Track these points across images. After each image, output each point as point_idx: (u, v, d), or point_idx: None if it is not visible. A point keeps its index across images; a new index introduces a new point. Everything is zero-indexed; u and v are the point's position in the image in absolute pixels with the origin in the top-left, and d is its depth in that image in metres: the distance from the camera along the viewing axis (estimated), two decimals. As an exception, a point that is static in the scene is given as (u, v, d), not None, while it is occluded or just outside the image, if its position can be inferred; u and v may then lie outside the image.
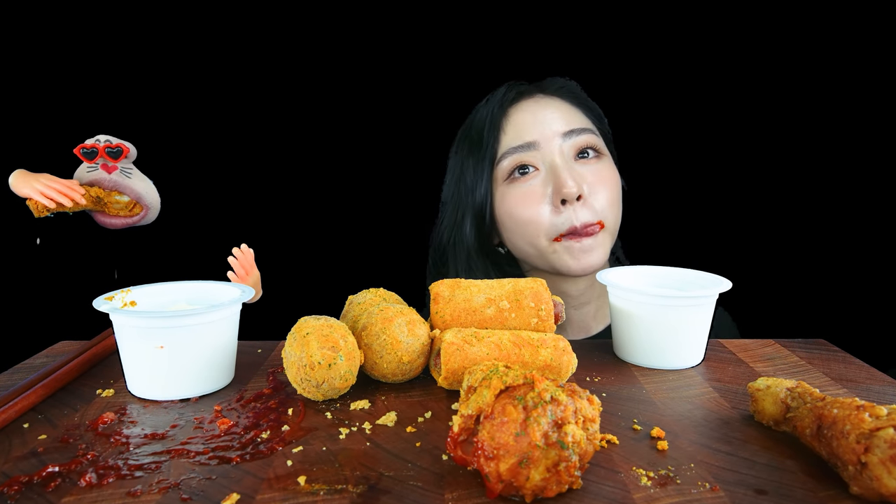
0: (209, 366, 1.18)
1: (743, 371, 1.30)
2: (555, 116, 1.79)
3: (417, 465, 0.91)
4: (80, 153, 1.44)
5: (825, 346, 1.46)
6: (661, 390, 1.19)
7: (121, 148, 1.45)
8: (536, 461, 0.78)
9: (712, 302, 1.31)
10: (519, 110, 1.82)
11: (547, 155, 1.75)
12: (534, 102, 1.83)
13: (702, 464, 0.91)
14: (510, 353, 1.14)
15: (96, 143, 1.44)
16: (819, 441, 0.88)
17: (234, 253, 1.39)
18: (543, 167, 1.75)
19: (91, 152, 1.44)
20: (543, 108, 1.81)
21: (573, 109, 1.84)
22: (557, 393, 0.82)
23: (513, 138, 1.78)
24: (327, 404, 1.14)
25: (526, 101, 1.84)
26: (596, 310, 1.95)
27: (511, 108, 1.83)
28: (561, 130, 1.76)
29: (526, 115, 1.80)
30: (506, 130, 1.80)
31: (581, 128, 1.78)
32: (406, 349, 1.16)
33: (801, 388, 1.00)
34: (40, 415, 1.10)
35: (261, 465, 0.92)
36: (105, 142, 1.44)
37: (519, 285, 1.27)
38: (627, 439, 0.99)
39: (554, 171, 1.72)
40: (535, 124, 1.78)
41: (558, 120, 1.78)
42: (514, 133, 1.79)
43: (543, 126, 1.77)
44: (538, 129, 1.77)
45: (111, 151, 1.44)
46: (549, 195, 1.72)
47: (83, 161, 1.44)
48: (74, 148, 1.44)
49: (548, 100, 1.84)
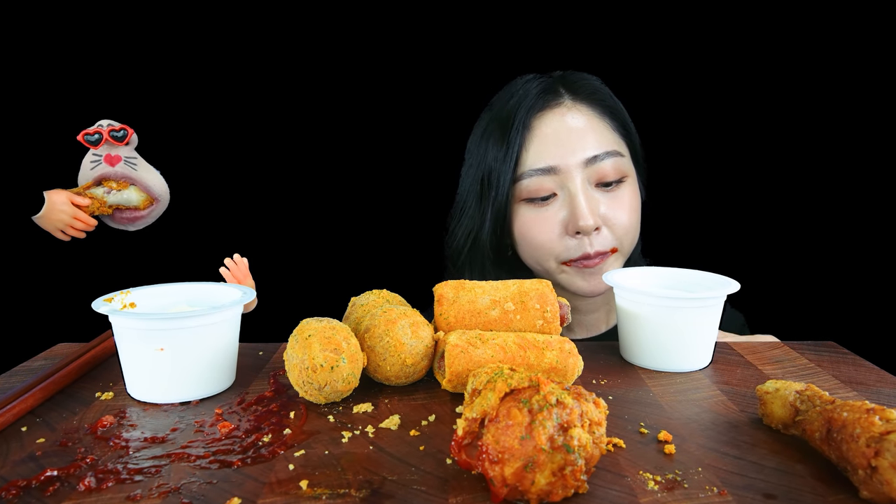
0: (210, 368, 1.18)
1: (751, 374, 1.30)
2: (579, 136, 1.75)
3: (421, 469, 0.91)
4: (83, 139, 1.45)
5: (835, 348, 1.46)
6: (668, 393, 1.19)
7: (125, 130, 1.46)
8: (542, 465, 0.78)
9: (720, 303, 1.31)
10: (543, 123, 1.78)
11: (567, 181, 1.72)
12: (559, 115, 1.78)
13: (710, 468, 0.91)
14: (515, 356, 1.14)
15: (99, 129, 1.44)
16: (828, 445, 0.88)
17: (226, 263, 1.39)
18: (561, 193, 1.73)
19: (96, 138, 1.44)
20: (569, 121, 1.77)
21: (601, 124, 1.79)
22: (563, 396, 0.82)
23: (535, 158, 1.75)
24: (330, 407, 1.14)
25: (551, 111, 1.79)
26: (606, 314, 1.94)
27: (535, 118, 1.79)
28: (585, 156, 1.72)
29: (549, 132, 1.76)
30: (528, 146, 1.77)
31: (606, 151, 1.74)
32: (409, 351, 1.15)
33: (810, 391, 1.00)
34: (39, 418, 1.10)
35: (262, 469, 0.92)
36: (108, 126, 1.45)
37: (524, 287, 1.27)
38: (634, 443, 0.99)
39: (571, 200, 1.70)
40: (559, 145, 1.74)
41: (583, 140, 1.74)
42: (537, 152, 1.75)
43: (566, 148, 1.73)
44: (560, 153, 1.73)
45: (115, 135, 1.45)
46: (565, 222, 1.71)
47: (88, 147, 1.45)
48: (78, 135, 1.45)
49: (575, 111, 1.79)
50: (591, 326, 1.94)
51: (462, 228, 1.90)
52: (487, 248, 1.84)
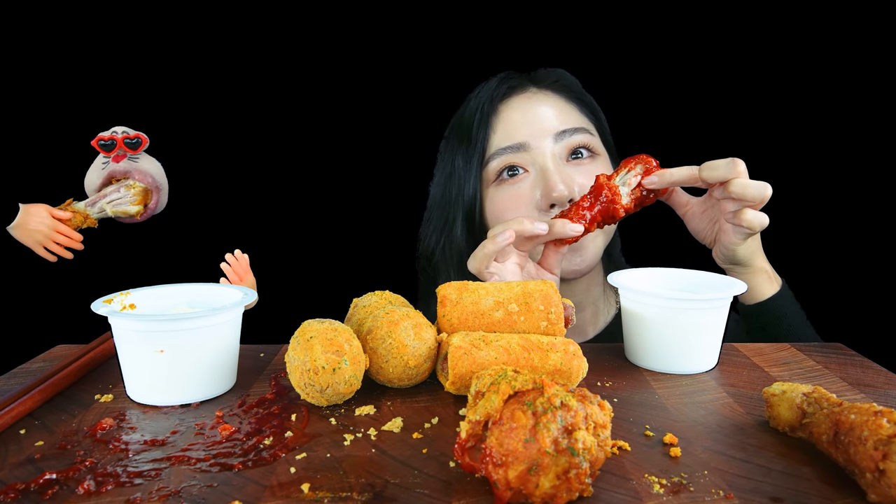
0: (210, 370, 1.18)
1: (758, 376, 1.30)
2: (548, 115, 1.78)
3: (424, 473, 0.91)
4: (97, 145, 1.45)
5: (842, 350, 1.46)
6: (673, 395, 1.19)
7: (139, 139, 1.47)
8: (546, 468, 0.78)
9: (726, 305, 1.30)
10: (510, 107, 1.81)
11: (537, 157, 1.74)
12: (526, 98, 1.82)
13: (716, 471, 0.91)
14: (519, 358, 1.13)
15: (114, 135, 1.45)
16: (836, 448, 0.88)
17: (227, 259, 1.39)
18: (533, 169, 1.75)
19: (110, 144, 1.45)
20: (536, 105, 1.80)
21: (568, 105, 1.83)
22: (567, 398, 0.82)
23: (502, 138, 1.78)
24: (331, 410, 1.14)
25: (518, 96, 1.83)
26: (594, 315, 1.94)
27: (502, 104, 1.82)
28: (553, 130, 1.76)
29: (516, 114, 1.79)
30: (495, 129, 1.80)
31: (574, 127, 1.77)
32: (412, 353, 1.15)
33: (817, 394, 1.00)
34: (37, 420, 1.10)
35: (263, 472, 0.92)
36: (123, 133, 1.45)
37: (528, 288, 1.27)
38: (639, 446, 0.99)
39: (544, 174, 1.72)
40: (526, 124, 1.77)
41: (551, 119, 1.78)
42: (504, 132, 1.78)
43: (534, 126, 1.76)
44: (528, 130, 1.76)
45: (129, 142, 1.46)
46: (538, 199, 1.72)
47: (101, 153, 1.46)
48: (92, 140, 1.45)
49: (541, 95, 1.83)
50: (579, 329, 1.93)
51: (433, 226, 1.93)
52: (461, 244, 1.85)
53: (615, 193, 1.52)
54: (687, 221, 1.62)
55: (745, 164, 1.42)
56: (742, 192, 1.41)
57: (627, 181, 1.53)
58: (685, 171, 1.49)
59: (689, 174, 1.48)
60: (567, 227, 1.49)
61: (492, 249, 1.46)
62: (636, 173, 1.53)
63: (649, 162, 1.53)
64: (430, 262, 1.94)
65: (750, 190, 1.41)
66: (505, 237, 1.46)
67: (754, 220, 1.43)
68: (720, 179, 1.44)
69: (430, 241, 1.93)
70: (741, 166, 1.42)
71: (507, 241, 1.46)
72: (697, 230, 1.61)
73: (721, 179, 1.44)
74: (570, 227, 1.49)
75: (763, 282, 1.59)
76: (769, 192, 1.41)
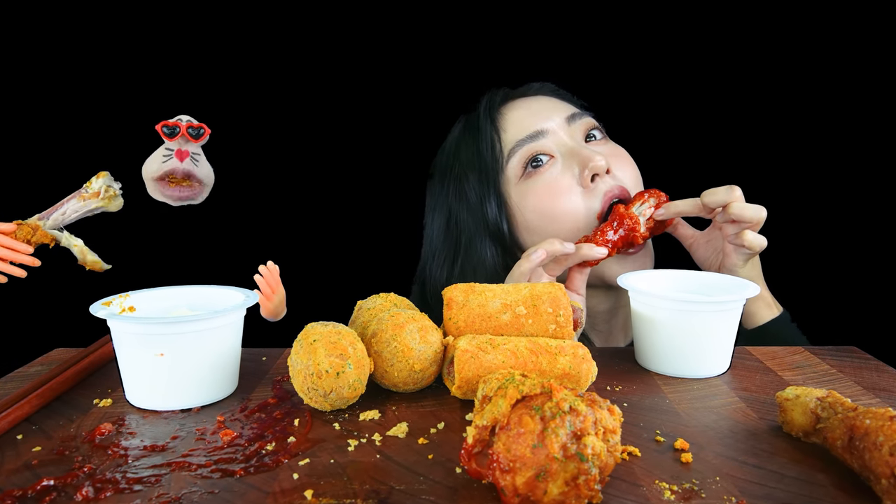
0: (211, 374, 1.18)
1: (771, 380, 1.29)
2: (548, 106, 1.81)
3: (430, 479, 0.91)
4: (161, 130, 1.45)
5: (857, 353, 1.46)
6: (685, 400, 1.19)
7: (202, 128, 1.46)
8: (554, 474, 0.78)
9: (739, 307, 1.30)
10: (511, 109, 1.83)
11: (558, 140, 1.75)
12: (521, 100, 1.84)
13: (728, 477, 0.91)
14: (527, 361, 1.13)
15: (178, 122, 1.45)
16: (851, 453, 0.88)
17: (260, 271, 1.38)
18: (558, 152, 1.74)
19: (173, 130, 1.44)
20: (534, 102, 1.83)
21: (560, 102, 1.85)
22: (576, 403, 0.82)
23: (517, 132, 1.77)
24: (335, 415, 1.14)
25: (511, 102, 1.85)
26: (623, 322, 1.93)
27: (502, 108, 1.84)
28: (563, 116, 1.78)
29: (520, 111, 1.81)
30: (505, 128, 1.79)
31: (579, 112, 1.80)
32: (418, 357, 1.15)
33: (831, 398, 1.00)
34: (35, 426, 1.10)
35: (266, 478, 0.92)
36: (187, 121, 1.45)
37: (536, 290, 1.27)
38: (650, 451, 0.99)
39: (573, 153, 1.72)
40: (534, 116, 1.78)
41: (554, 109, 1.80)
42: (516, 127, 1.78)
43: (542, 115, 1.78)
44: (540, 119, 1.77)
45: (192, 132, 1.45)
46: (576, 175, 1.71)
47: (164, 139, 1.45)
48: (156, 125, 1.45)
49: (532, 97, 1.85)
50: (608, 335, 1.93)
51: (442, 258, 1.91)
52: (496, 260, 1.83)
53: (636, 222, 1.63)
54: (693, 252, 1.74)
55: (741, 190, 1.55)
56: (740, 213, 1.52)
57: (643, 212, 1.65)
58: (689, 202, 1.62)
59: (692, 205, 1.61)
60: (594, 251, 1.58)
61: (528, 268, 1.53)
62: (649, 205, 1.65)
63: (661, 196, 1.66)
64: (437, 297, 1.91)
65: (747, 211, 1.53)
66: (538, 254, 1.53)
67: (754, 240, 1.53)
68: (720, 203, 1.56)
69: (443, 273, 1.90)
70: (738, 192, 1.56)
71: (540, 258, 1.53)
72: (702, 259, 1.72)
73: (721, 203, 1.56)
74: (596, 251, 1.58)
75: (761, 308, 1.66)
76: (764, 214, 1.54)
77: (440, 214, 1.90)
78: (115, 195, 1.37)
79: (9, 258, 1.32)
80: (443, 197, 1.89)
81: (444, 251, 1.89)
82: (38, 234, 1.35)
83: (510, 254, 1.83)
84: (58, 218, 1.35)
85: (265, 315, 1.33)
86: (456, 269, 1.86)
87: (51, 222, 1.35)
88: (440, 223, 1.90)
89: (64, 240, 1.35)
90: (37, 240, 1.35)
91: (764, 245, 1.55)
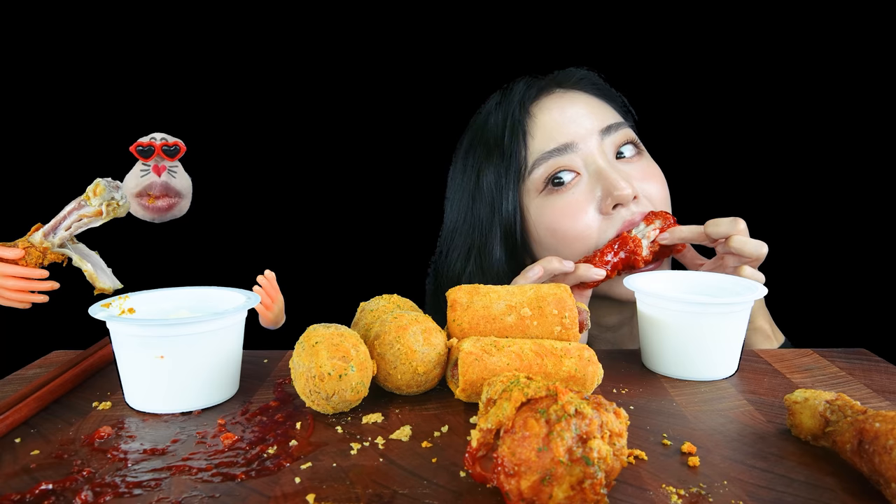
0: (212, 377, 1.18)
1: (779, 382, 1.29)
2: (584, 112, 1.74)
3: (433, 483, 0.91)
4: (135, 151, 1.44)
5: (867, 355, 1.45)
6: (692, 403, 1.19)
7: (178, 146, 1.46)
8: (560, 478, 0.77)
9: (747, 309, 1.30)
10: (542, 109, 1.76)
11: (587, 156, 1.70)
12: (557, 98, 1.77)
13: (735, 481, 0.91)
14: (532, 364, 1.13)
15: (152, 142, 1.44)
16: (860, 457, 0.88)
17: (258, 281, 1.37)
18: (585, 171, 1.70)
19: (148, 150, 1.44)
20: (570, 103, 1.76)
21: (600, 103, 1.79)
22: (582, 406, 0.82)
23: (545, 141, 1.72)
24: (338, 418, 1.14)
25: (547, 97, 1.78)
26: (631, 329, 1.92)
27: (532, 106, 1.77)
28: (597, 128, 1.72)
29: (553, 114, 1.74)
30: (533, 133, 1.73)
31: (616, 122, 1.74)
32: (421, 359, 1.15)
33: (841, 401, 1.00)
34: (33, 429, 1.11)
35: (267, 482, 0.92)
36: (161, 140, 1.45)
37: (541, 291, 1.27)
38: (656, 455, 0.99)
39: (600, 174, 1.68)
40: (566, 123, 1.72)
41: (589, 116, 1.73)
42: (545, 135, 1.72)
43: (576, 124, 1.72)
44: (571, 128, 1.71)
45: (168, 150, 1.45)
46: (599, 199, 1.68)
47: (138, 159, 1.45)
48: (130, 146, 1.45)
49: (571, 94, 1.78)
50: (617, 345, 1.92)
51: (458, 252, 1.87)
52: (502, 267, 1.80)
53: (637, 245, 1.64)
54: None
55: (745, 223, 1.55)
56: (741, 248, 1.53)
57: (647, 234, 1.65)
58: (693, 229, 1.63)
59: (696, 232, 1.62)
60: (591, 272, 1.59)
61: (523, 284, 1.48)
62: (655, 227, 1.65)
63: (668, 219, 1.65)
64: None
65: (748, 246, 1.53)
66: (535, 272, 1.57)
67: (752, 277, 1.53)
68: (722, 235, 1.56)
69: (456, 267, 1.87)
70: (742, 224, 1.56)
71: (536, 276, 1.56)
72: None
73: (723, 235, 1.56)
74: (593, 272, 1.59)
75: (761, 340, 1.66)
76: (765, 251, 1.53)
77: (460, 205, 1.87)
78: (118, 206, 1.36)
79: (27, 288, 1.30)
80: (464, 184, 1.85)
81: (460, 244, 1.87)
82: (49, 256, 1.34)
83: (518, 259, 1.82)
84: (64, 236, 1.34)
85: (265, 324, 1.33)
86: (469, 266, 1.84)
87: (58, 240, 1.34)
88: (459, 214, 1.87)
89: (75, 259, 1.35)
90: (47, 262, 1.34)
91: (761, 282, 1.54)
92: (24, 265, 1.29)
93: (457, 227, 1.88)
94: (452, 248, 1.89)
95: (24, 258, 1.29)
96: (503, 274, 1.80)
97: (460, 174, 1.87)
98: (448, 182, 1.94)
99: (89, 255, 1.38)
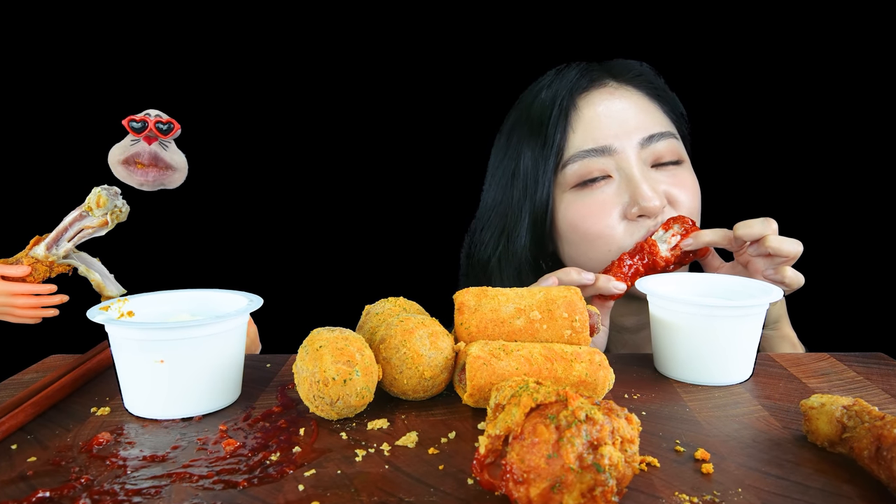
0: (214, 382, 1.18)
1: (795, 387, 1.29)
2: (630, 115, 1.74)
3: (441, 490, 0.91)
4: (128, 125, 1.45)
5: (884, 360, 1.45)
6: (705, 408, 1.19)
7: (171, 124, 1.46)
8: (570, 486, 0.77)
9: (762, 312, 1.30)
10: (590, 103, 1.76)
11: (622, 162, 1.71)
12: (607, 94, 1.78)
13: (750, 488, 0.91)
14: (541, 368, 1.13)
15: (146, 117, 1.45)
16: (878, 464, 0.88)
17: None
18: (617, 175, 1.71)
19: (141, 126, 1.44)
20: (618, 102, 1.76)
21: (651, 105, 1.79)
22: (593, 411, 0.81)
23: (583, 139, 1.73)
24: (342, 424, 1.14)
25: (597, 91, 1.78)
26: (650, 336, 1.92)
27: (580, 98, 1.77)
28: (639, 134, 1.72)
29: (598, 110, 1.75)
30: (574, 127, 1.75)
31: (661, 132, 1.74)
32: (428, 363, 1.15)
33: (858, 406, 1.00)
34: (30, 435, 1.11)
35: (270, 489, 0.92)
36: (156, 116, 1.45)
37: (551, 294, 1.27)
38: (669, 462, 0.99)
39: (630, 181, 1.69)
40: (610, 124, 1.72)
41: (635, 119, 1.74)
42: (585, 132, 1.73)
43: (619, 127, 1.72)
44: (612, 130, 1.72)
45: (161, 126, 1.45)
46: (626, 205, 1.69)
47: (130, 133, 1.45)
48: (123, 119, 1.45)
49: (623, 91, 1.79)
50: (636, 348, 1.92)
51: (491, 232, 1.87)
52: (525, 253, 1.82)
53: (652, 245, 1.64)
54: None
55: (776, 223, 1.53)
56: (778, 247, 1.51)
57: (666, 239, 1.65)
58: (718, 232, 1.61)
59: (721, 235, 1.60)
60: (611, 284, 1.58)
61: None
62: (674, 232, 1.65)
63: (686, 223, 1.65)
64: (486, 271, 1.92)
65: (786, 245, 1.51)
66: (550, 282, 1.53)
67: (794, 277, 1.54)
68: (755, 237, 1.54)
69: (487, 248, 1.89)
70: (774, 224, 1.54)
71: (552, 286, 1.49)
72: None
73: (756, 237, 1.54)
74: (613, 284, 1.58)
75: (786, 349, 1.66)
76: (801, 249, 1.53)
77: (500, 183, 1.88)
78: (120, 212, 1.36)
79: (38, 304, 1.32)
80: (506, 163, 1.86)
81: (495, 223, 1.89)
82: (56, 269, 1.34)
83: (543, 248, 1.84)
84: (68, 247, 1.34)
85: None
86: (500, 247, 1.86)
87: (62, 252, 1.34)
88: (497, 192, 1.89)
89: (81, 269, 1.35)
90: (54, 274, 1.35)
91: (802, 282, 1.55)
92: (31, 281, 1.31)
93: (494, 205, 1.90)
94: (487, 227, 1.91)
95: (31, 274, 1.30)
96: (524, 262, 1.82)
97: (503, 151, 1.89)
98: (490, 157, 1.95)
99: (93, 264, 1.38)
